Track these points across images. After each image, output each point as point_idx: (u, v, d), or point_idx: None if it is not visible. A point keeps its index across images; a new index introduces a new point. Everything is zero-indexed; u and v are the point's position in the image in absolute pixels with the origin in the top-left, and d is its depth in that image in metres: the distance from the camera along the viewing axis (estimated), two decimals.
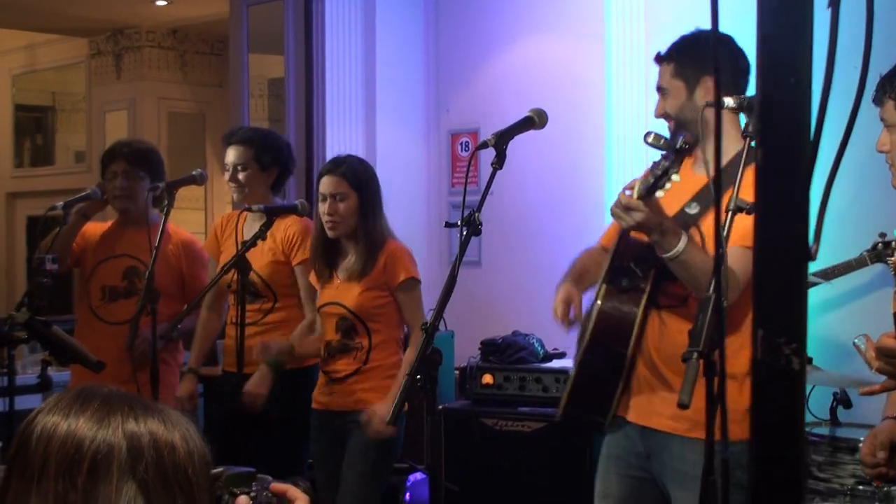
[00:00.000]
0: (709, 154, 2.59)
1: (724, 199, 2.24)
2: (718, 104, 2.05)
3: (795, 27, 0.95)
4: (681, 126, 2.73)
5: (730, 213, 2.20)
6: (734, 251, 2.32)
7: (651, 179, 2.38)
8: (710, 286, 2.04)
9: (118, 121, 8.79)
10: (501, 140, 2.62)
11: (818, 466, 3.31)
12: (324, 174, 3.67)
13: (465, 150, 5.44)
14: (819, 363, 3.50)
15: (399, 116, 5.51)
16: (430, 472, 3.57)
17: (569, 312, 2.76)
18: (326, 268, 3.68)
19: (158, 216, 3.83)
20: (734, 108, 2.50)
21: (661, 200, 2.48)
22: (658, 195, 2.43)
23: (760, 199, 0.99)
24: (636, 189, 2.45)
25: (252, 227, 3.77)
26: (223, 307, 4.07)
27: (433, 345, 2.45)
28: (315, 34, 5.37)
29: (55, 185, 8.85)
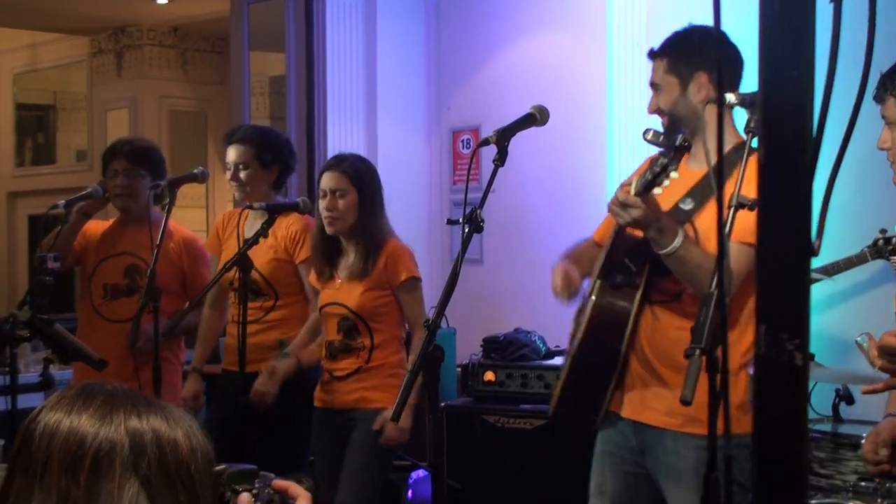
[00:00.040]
0: (704, 148, 2.58)
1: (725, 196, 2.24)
2: (721, 101, 2.04)
3: (797, 22, 0.95)
4: (674, 122, 2.72)
5: (731, 210, 2.19)
6: (730, 247, 2.31)
7: (649, 176, 2.37)
8: (711, 282, 2.04)
9: (119, 119, 8.77)
10: (503, 137, 2.61)
11: (820, 463, 3.30)
12: (325, 170, 3.67)
13: (467, 148, 5.43)
14: (821, 359, 3.50)
15: (400, 114, 5.50)
16: (432, 470, 3.56)
17: (568, 285, 2.74)
18: (327, 266, 3.67)
19: (160, 214, 3.83)
20: (736, 104, 2.49)
21: (656, 196, 2.48)
22: (655, 192, 2.42)
23: (763, 196, 0.99)
24: (633, 186, 2.44)
25: (253, 225, 3.77)
26: (225, 305, 4.07)
27: (435, 342, 2.45)
28: (316, 31, 5.37)
29: (56, 184, 8.83)
